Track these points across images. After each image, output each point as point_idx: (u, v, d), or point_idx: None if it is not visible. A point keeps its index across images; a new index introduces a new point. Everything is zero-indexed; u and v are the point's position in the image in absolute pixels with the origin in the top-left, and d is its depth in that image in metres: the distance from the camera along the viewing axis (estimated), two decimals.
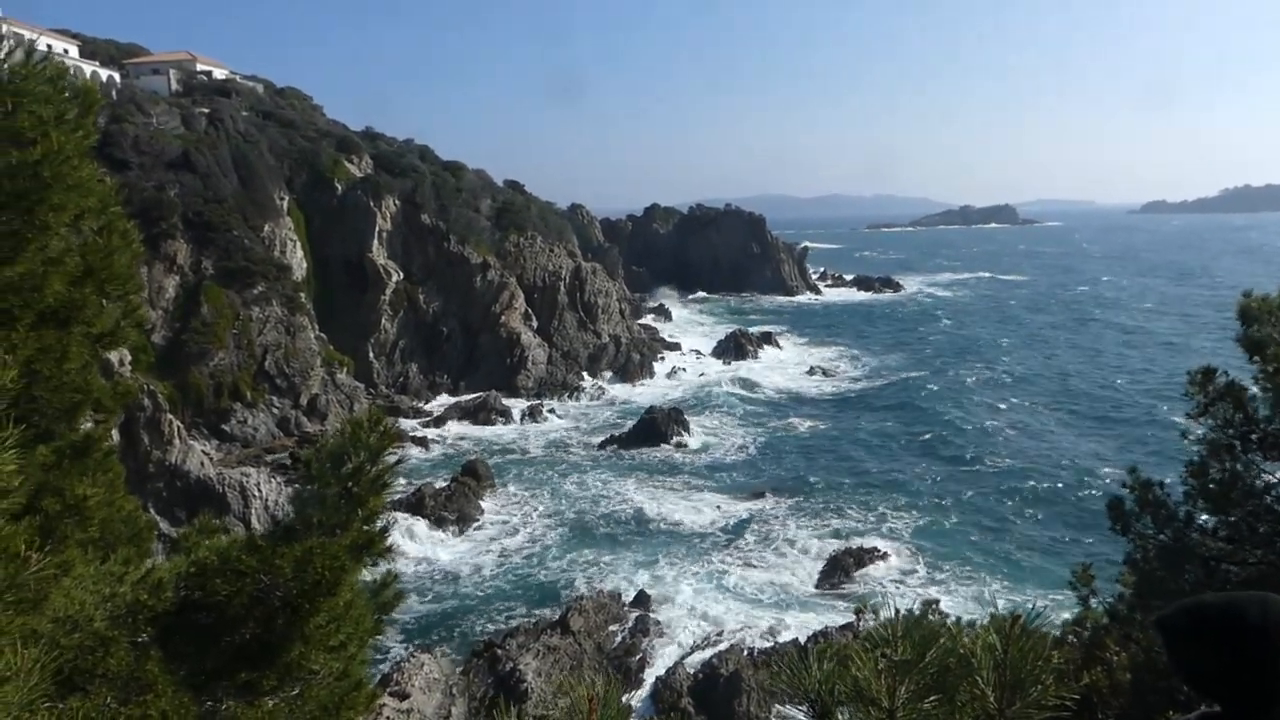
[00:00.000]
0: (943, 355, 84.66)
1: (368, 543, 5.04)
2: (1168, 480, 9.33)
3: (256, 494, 40.69)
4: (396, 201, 69.67)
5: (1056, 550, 37.85)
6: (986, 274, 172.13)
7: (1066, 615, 9.69)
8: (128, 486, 5.94)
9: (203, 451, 44.37)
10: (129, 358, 32.79)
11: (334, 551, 4.41)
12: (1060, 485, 46.40)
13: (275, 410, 52.95)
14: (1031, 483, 46.94)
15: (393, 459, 5.26)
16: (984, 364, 79.38)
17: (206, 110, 64.43)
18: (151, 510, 37.21)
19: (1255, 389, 8.35)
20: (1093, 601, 9.02)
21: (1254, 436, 8.42)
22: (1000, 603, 32.35)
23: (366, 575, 5.31)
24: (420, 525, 41.37)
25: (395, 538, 38.04)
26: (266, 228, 59.70)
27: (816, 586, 35.27)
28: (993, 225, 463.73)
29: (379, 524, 5.22)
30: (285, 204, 63.69)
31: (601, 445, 55.16)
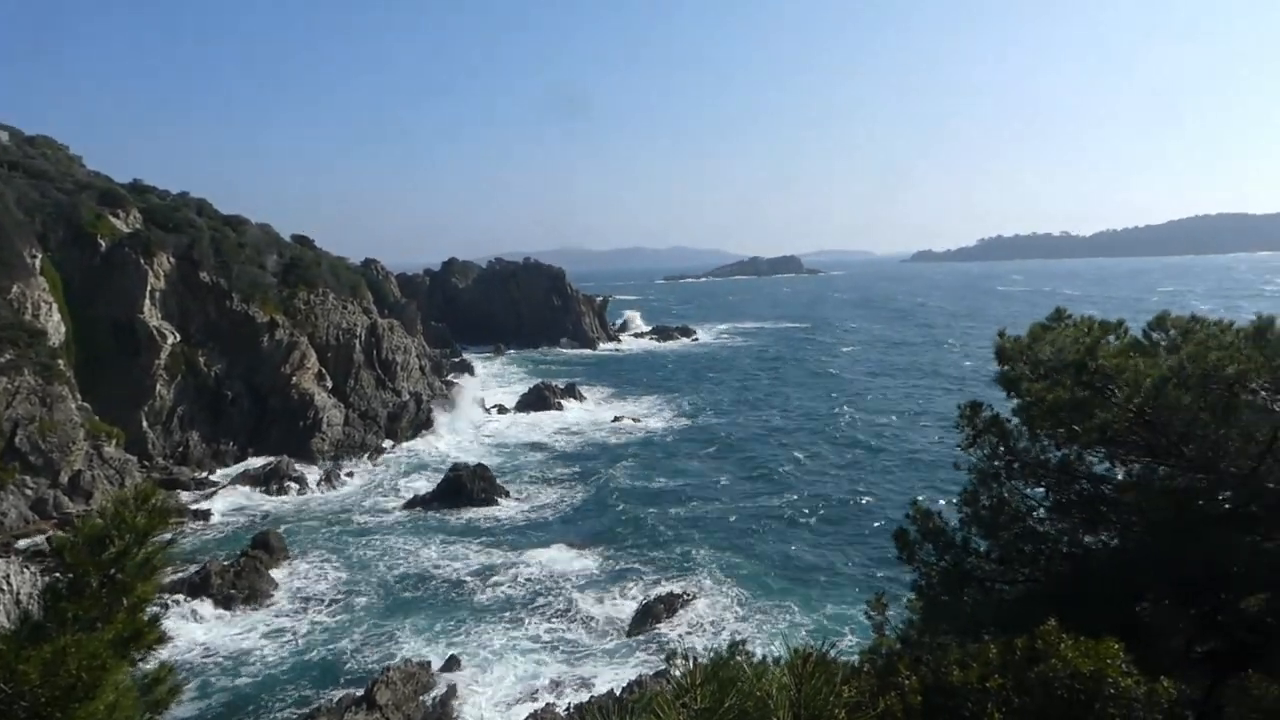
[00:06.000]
0: (739, 400, 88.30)
1: (135, 635, 4.56)
2: (943, 506, 10.07)
3: (5, 588, 36.02)
4: (171, 258, 64.96)
5: (857, 581, 39.90)
6: (770, 323, 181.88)
7: (866, 644, 10.19)
8: None
9: None
10: None
11: (92, 649, 3.94)
12: (857, 519, 49.18)
13: (29, 491, 47.38)
14: (829, 518, 49.50)
15: (165, 538, 4.82)
16: (777, 407, 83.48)
17: None
18: None
19: (1014, 421, 9.20)
20: (886, 629, 9.52)
21: (1015, 464, 9.26)
22: (802, 636, 33.69)
23: (136, 671, 4.78)
24: (205, 607, 38.06)
25: (173, 625, 34.86)
26: (15, 289, 53.88)
27: (631, 635, 35.29)
28: (782, 275, 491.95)
29: (149, 612, 4.74)
30: (38, 263, 57.83)
31: (404, 508, 53.16)
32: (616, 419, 79.13)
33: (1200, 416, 7.95)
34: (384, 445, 68.19)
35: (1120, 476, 9.03)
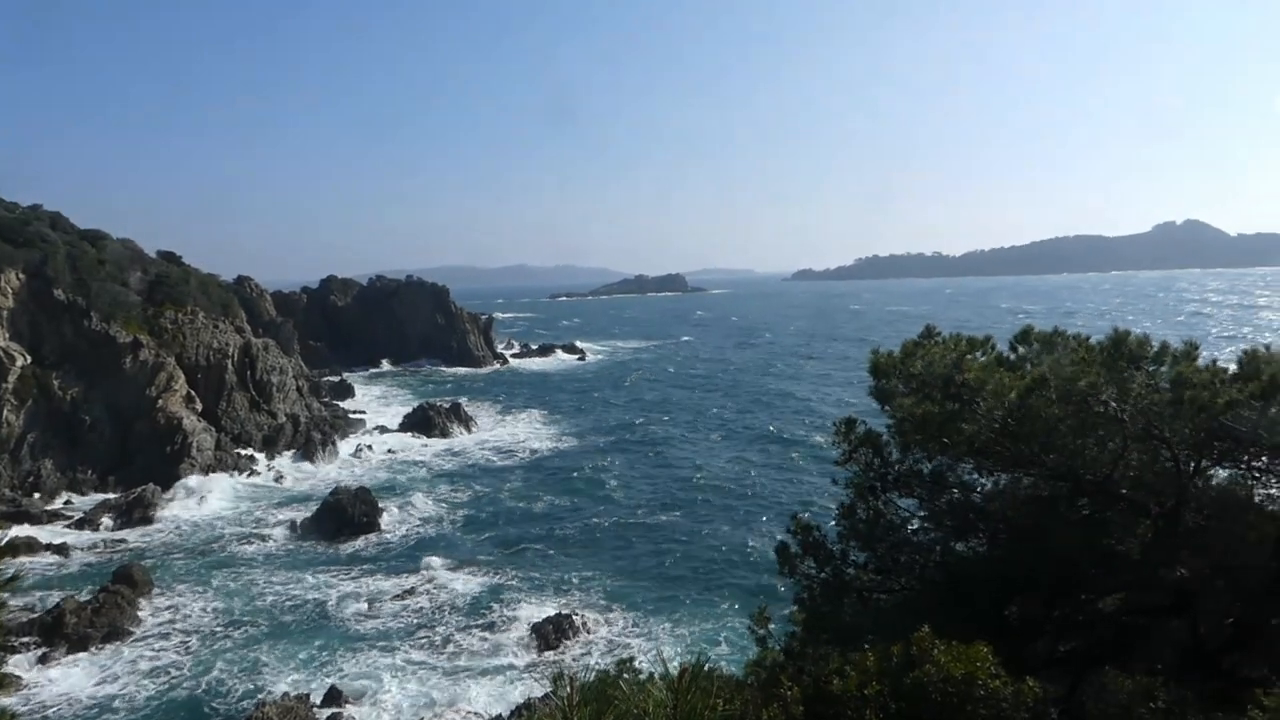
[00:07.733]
0: (621, 420, 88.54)
1: None
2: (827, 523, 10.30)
3: None
4: (20, 275, 60.90)
5: (743, 596, 40.40)
6: (655, 341, 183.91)
7: (746, 653, 10.29)
8: None
9: None
10: None
11: None
12: (743, 533, 49.89)
13: None
14: (717, 534, 50.06)
15: (6, 575, 4.48)
16: (657, 426, 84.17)
17: None
18: None
19: (887, 435, 9.49)
20: (770, 641, 9.64)
21: (890, 477, 9.56)
22: (684, 651, 33.90)
23: None
24: (58, 649, 35.47)
25: (17, 668, 32.44)
26: None
27: (520, 658, 34.75)
28: (666, 294, 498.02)
29: None
30: None
31: (281, 534, 50.99)
32: (503, 439, 78.22)
33: (1059, 427, 8.39)
34: (259, 470, 65.38)
35: (988, 486, 9.44)
